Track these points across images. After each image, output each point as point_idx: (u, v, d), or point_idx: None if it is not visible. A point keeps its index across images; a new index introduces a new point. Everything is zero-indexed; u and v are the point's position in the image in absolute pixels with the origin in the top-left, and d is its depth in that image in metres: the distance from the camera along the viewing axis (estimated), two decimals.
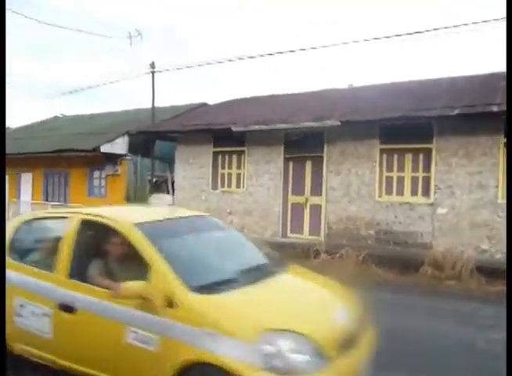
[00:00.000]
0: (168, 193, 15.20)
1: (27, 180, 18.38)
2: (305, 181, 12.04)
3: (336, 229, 11.28)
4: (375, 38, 12.12)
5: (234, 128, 12.04)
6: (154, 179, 15.27)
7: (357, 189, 11.06)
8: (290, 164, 12.29)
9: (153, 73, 14.92)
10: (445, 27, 10.99)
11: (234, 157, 13.16)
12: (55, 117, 24.66)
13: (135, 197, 15.41)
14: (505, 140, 9.12)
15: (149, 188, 15.35)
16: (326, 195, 11.49)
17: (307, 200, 11.94)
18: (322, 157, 11.56)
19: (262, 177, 12.44)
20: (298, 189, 12.14)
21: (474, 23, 10.57)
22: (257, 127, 11.82)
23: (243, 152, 12.87)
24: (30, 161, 17.59)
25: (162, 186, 15.65)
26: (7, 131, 27.38)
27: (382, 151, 10.87)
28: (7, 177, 19.08)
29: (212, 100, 17.76)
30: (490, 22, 10.67)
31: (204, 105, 17.53)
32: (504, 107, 8.31)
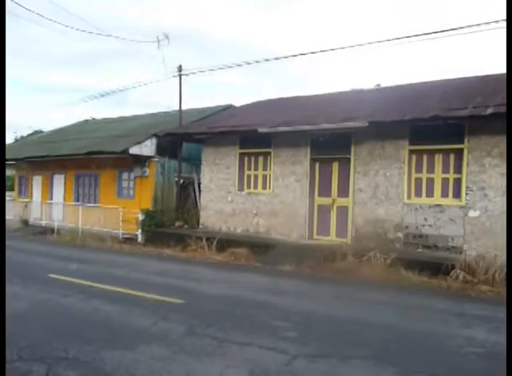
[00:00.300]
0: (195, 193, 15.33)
1: (59, 182, 18.89)
2: (332, 182, 11.93)
3: (363, 231, 11.11)
4: (396, 38, 11.92)
5: (260, 130, 12.05)
6: (181, 181, 15.42)
7: (385, 191, 10.87)
8: (317, 166, 12.20)
9: (180, 76, 15.09)
10: (469, 26, 10.66)
11: (260, 159, 13.17)
12: (86, 121, 25.28)
13: (163, 197, 15.61)
14: None
15: (176, 189, 15.52)
16: (353, 197, 11.34)
17: (334, 201, 11.82)
18: (349, 158, 11.43)
19: (288, 178, 12.40)
20: (325, 191, 12.03)
21: (495, 21, 10.18)
22: (283, 128, 11.79)
23: (269, 153, 12.86)
24: (63, 163, 18.08)
25: (189, 187, 15.79)
26: (41, 134, 28.31)
27: (411, 152, 10.66)
28: (40, 178, 19.70)
29: (239, 102, 17.87)
30: None
31: (230, 107, 17.62)
32: None
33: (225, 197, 13.58)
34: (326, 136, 11.68)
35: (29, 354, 4.44)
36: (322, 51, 13.00)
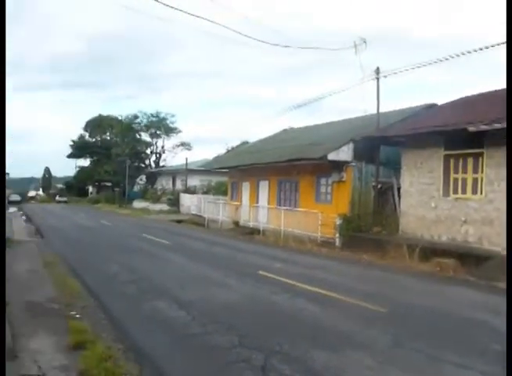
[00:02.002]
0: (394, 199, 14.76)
1: (263, 187, 20.70)
2: None
3: None
4: None
5: (470, 128, 10.82)
6: (379, 185, 15.05)
7: None
8: None
9: (377, 79, 14.78)
10: None
11: (469, 161, 11.83)
12: (285, 130, 27.06)
13: (360, 202, 15.50)
14: None
15: (373, 194, 15.22)
16: None
17: None
18: None
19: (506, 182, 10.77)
20: None
21: None
22: (500, 125, 10.31)
23: (480, 154, 11.45)
24: (266, 170, 19.74)
25: (387, 192, 15.28)
26: (247, 145, 31.55)
27: None
28: (248, 184, 21.93)
29: (441, 101, 16.43)
30: None
31: (433, 106, 16.38)
32: None
33: (427, 202, 12.65)
34: None
35: (248, 342, 4.93)
36: None
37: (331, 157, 15.11)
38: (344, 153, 15.26)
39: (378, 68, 14.73)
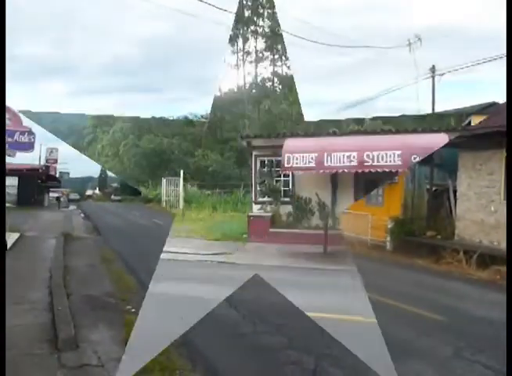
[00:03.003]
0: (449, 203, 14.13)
1: None
2: None
3: None
4: None
5: None
6: (434, 188, 14.46)
7: None
8: None
9: (433, 77, 14.25)
10: None
11: None
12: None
13: (412, 205, 14.98)
14: None
15: (427, 197, 14.66)
16: None
17: None
18: None
19: None
20: None
21: None
22: None
23: None
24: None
25: (442, 195, 14.67)
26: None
27: None
28: None
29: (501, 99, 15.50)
30: None
31: (493, 105, 15.53)
32: None
33: (486, 206, 12.01)
34: None
35: (297, 344, 4.88)
36: None
37: None
38: None
39: (433, 66, 14.21)
